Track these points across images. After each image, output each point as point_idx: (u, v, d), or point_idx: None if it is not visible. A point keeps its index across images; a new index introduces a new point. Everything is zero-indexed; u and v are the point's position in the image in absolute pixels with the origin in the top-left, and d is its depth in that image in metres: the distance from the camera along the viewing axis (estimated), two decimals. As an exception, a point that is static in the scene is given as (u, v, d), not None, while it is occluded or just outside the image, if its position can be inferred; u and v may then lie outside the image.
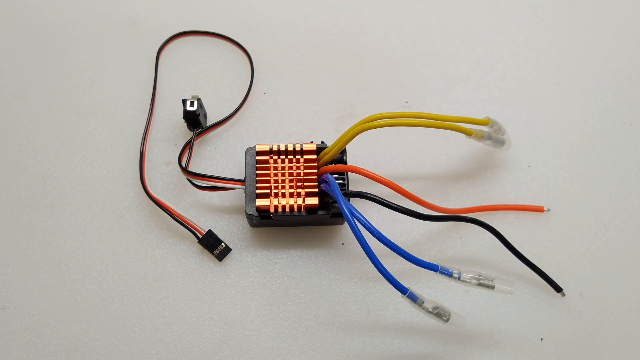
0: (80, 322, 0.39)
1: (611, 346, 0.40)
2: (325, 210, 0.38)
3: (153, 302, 0.40)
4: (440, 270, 0.35)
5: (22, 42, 0.48)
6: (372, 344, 0.39)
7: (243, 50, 0.48)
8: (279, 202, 0.38)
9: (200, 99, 0.42)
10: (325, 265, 0.41)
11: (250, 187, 0.39)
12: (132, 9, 0.50)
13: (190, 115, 0.41)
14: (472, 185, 0.44)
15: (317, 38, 0.49)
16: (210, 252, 0.41)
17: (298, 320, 0.40)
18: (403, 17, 0.51)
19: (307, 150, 0.39)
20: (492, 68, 0.49)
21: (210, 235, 0.41)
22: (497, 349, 0.39)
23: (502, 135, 0.42)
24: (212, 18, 0.50)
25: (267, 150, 0.39)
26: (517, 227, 0.42)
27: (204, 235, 0.40)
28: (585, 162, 0.45)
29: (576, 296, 0.41)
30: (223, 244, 0.41)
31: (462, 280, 0.35)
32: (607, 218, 0.43)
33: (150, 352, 0.39)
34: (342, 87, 0.47)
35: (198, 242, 0.40)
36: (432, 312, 0.35)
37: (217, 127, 0.44)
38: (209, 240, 0.41)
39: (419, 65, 0.49)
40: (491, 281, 0.36)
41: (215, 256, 0.41)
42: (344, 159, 0.40)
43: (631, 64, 0.49)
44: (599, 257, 0.42)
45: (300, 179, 0.39)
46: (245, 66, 0.48)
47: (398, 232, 0.42)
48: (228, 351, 0.39)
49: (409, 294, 0.34)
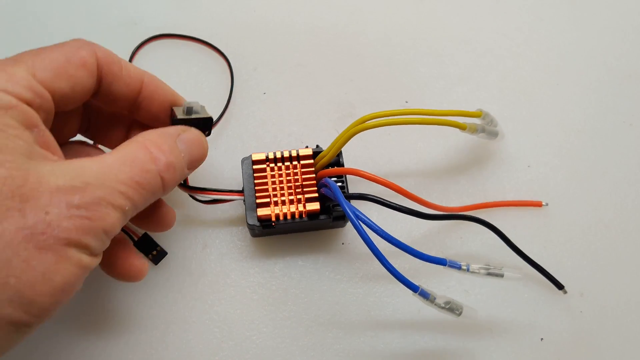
0: (81, 321, 0.39)
1: (611, 346, 0.40)
2: (327, 214, 0.38)
3: (152, 302, 0.40)
4: (449, 263, 0.35)
5: (21, 42, 0.48)
6: (372, 344, 0.39)
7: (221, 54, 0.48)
8: (280, 210, 0.38)
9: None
10: (325, 266, 0.41)
11: (250, 197, 0.39)
12: (132, 9, 0.50)
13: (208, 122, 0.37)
14: (472, 184, 0.44)
15: (317, 38, 0.49)
16: (145, 255, 0.40)
17: (298, 320, 0.40)
18: (403, 17, 0.51)
19: (304, 156, 0.39)
20: (492, 68, 0.49)
21: (145, 239, 0.40)
22: (497, 349, 0.39)
23: (494, 127, 0.42)
24: (212, 18, 0.50)
25: (263, 159, 0.39)
26: (517, 227, 0.43)
27: (139, 238, 0.39)
28: (585, 162, 0.45)
29: (576, 296, 0.41)
30: (158, 247, 0.40)
31: (471, 271, 0.35)
32: (607, 218, 0.43)
33: (150, 352, 0.39)
34: (342, 87, 0.47)
35: (134, 245, 0.39)
36: (444, 307, 0.35)
37: None
38: (145, 243, 0.40)
39: (419, 65, 0.49)
40: (500, 270, 0.36)
41: (151, 259, 0.40)
42: (340, 162, 0.40)
43: (631, 64, 0.49)
44: (599, 257, 0.42)
45: (299, 185, 0.38)
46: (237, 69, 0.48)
47: (398, 232, 0.42)
48: (228, 351, 0.39)
49: (420, 291, 0.34)
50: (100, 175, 0.27)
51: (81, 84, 0.31)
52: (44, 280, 0.25)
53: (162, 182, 0.31)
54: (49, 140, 0.29)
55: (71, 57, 0.30)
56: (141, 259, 0.36)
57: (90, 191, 0.26)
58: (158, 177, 0.30)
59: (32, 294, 0.25)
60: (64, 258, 0.25)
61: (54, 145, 0.29)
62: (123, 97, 0.34)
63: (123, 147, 0.30)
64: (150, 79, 0.35)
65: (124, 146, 0.30)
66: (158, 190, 0.31)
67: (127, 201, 0.28)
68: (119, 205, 0.28)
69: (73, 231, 0.26)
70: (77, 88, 0.31)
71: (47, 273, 0.25)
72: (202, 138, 0.35)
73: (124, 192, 0.28)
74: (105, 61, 0.32)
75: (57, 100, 0.30)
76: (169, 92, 0.36)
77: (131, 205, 0.29)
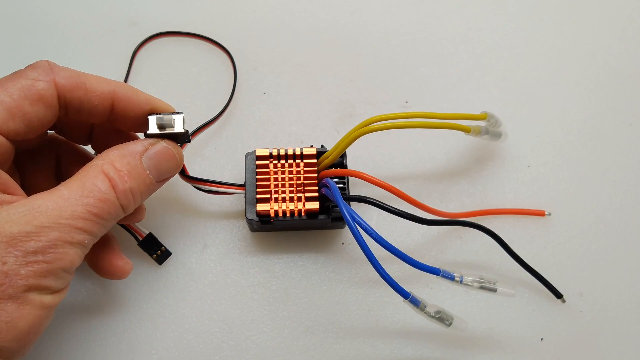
0: (80, 321, 0.39)
1: (611, 346, 0.40)
2: (326, 214, 0.38)
3: (153, 302, 0.40)
4: (442, 274, 0.35)
5: (21, 42, 0.48)
6: (372, 344, 0.39)
7: (224, 50, 0.48)
8: (280, 207, 0.38)
9: None
10: (325, 265, 0.41)
11: (251, 192, 0.39)
12: (132, 9, 0.50)
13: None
14: (472, 185, 0.44)
15: (317, 38, 0.49)
16: (150, 256, 0.40)
17: (298, 320, 0.40)
18: (403, 17, 0.51)
19: (307, 155, 0.39)
20: (492, 68, 0.49)
21: (150, 239, 0.40)
22: (497, 349, 0.39)
23: (498, 128, 0.42)
24: (212, 18, 0.50)
25: (267, 155, 0.39)
26: (517, 227, 0.42)
27: (144, 238, 0.40)
28: (585, 162, 0.45)
29: (576, 296, 0.41)
30: (163, 247, 0.40)
31: (464, 283, 0.35)
32: (607, 218, 0.43)
33: (151, 352, 0.39)
34: (342, 87, 0.47)
35: (137, 245, 0.40)
36: (434, 317, 0.35)
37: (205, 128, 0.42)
38: (149, 243, 0.40)
39: (419, 65, 0.49)
40: (493, 284, 0.36)
41: (155, 259, 0.40)
42: (344, 163, 0.40)
43: (631, 64, 0.49)
44: (599, 257, 0.42)
45: (301, 183, 0.39)
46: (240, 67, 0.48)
47: (398, 232, 0.42)
48: (228, 351, 0.39)
49: (410, 299, 0.34)
50: (55, 212, 0.27)
51: (38, 119, 0.30)
52: (8, 329, 0.25)
53: (122, 208, 0.30)
54: (6, 181, 0.29)
55: (27, 92, 0.29)
56: (123, 259, 0.36)
57: (45, 234, 0.27)
58: (117, 205, 0.30)
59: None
60: (25, 304, 0.26)
61: (11, 185, 0.29)
62: (94, 115, 0.33)
63: (81, 173, 0.30)
64: (122, 90, 0.33)
65: (82, 173, 0.30)
66: (118, 216, 0.30)
67: (84, 235, 0.28)
68: (78, 242, 0.28)
69: (31, 277, 0.26)
70: (34, 124, 0.30)
71: (10, 321, 0.26)
72: (174, 150, 0.34)
73: (81, 227, 0.28)
74: (68, 88, 0.31)
75: (12, 139, 0.29)
76: (143, 101, 0.34)
77: (90, 238, 0.29)
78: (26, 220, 0.26)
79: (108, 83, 0.33)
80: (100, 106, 0.32)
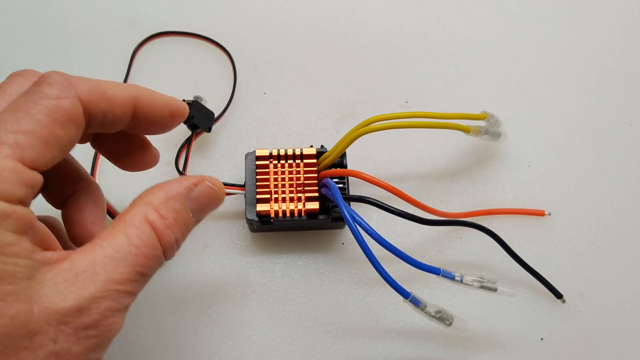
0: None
1: (611, 346, 0.40)
2: (326, 214, 0.38)
3: (154, 301, 0.40)
4: (443, 273, 0.35)
5: (21, 42, 0.48)
6: (372, 344, 0.39)
7: (224, 50, 0.48)
8: (280, 207, 0.38)
9: (196, 101, 0.41)
10: (325, 265, 0.41)
11: (251, 192, 0.39)
12: (132, 9, 0.50)
13: None
14: (472, 185, 0.44)
15: (317, 38, 0.49)
16: None
17: (298, 320, 0.40)
18: (403, 17, 0.51)
19: (307, 155, 0.39)
20: (492, 68, 0.49)
21: None
22: (497, 349, 0.39)
23: (498, 128, 0.42)
24: (212, 18, 0.50)
25: (267, 155, 0.39)
26: (517, 227, 0.42)
27: None
28: (585, 162, 0.45)
29: (576, 296, 0.41)
30: None
31: (465, 283, 0.35)
32: (607, 218, 0.43)
33: (150, 352, 0.39)
34: (342, 87, 0.47)
35: None
36: (434, 317, 0.35)
37: None
38: None
39: (419, 65, 0.49)
40: (493, 284, 0.36)
41: None
42: (344, 163, 0.40)
43: (631, 64, 0.49)
44: (599, 257, 0.42)
45: (301, 184, 0.39)
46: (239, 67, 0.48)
47: (398, 232, 0.42)
48: (228, 351, 0.39)
49: (411, 298, 0.34)
50: (103, 277, 0.25)
51: (70, 141, 0.26)
52: None
53: (164, 260, 0.28)
54: (44, 234, 0.26)
55: (55, 115, 0.25)
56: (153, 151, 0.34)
57: (96, 306, 0.24)
58: (162, 258, 0.28)
59: None
60: None
61: (48, 238, 0.26)
62: (115, 126, 0.29)
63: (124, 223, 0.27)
64: (142, 96, 0.30)
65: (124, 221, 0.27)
66: (158, 268, 0.28)
67: (131, 298, 0.26)
68: (125, 306, 0.26)
69: (83, 354, 0.25)
70: (67, 148, 0.26)
71: None
72: (217, 189, 0.31)
73: (129, 291, 0.26)
74: (93, 102, 0.27)
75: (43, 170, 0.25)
76: (163, 104, 0.31)
77: (134, 298, 0.26)
78: (75, 290, 0.24)
79: (127, 89, 0.29)
80: (124, 117, 0.29)
